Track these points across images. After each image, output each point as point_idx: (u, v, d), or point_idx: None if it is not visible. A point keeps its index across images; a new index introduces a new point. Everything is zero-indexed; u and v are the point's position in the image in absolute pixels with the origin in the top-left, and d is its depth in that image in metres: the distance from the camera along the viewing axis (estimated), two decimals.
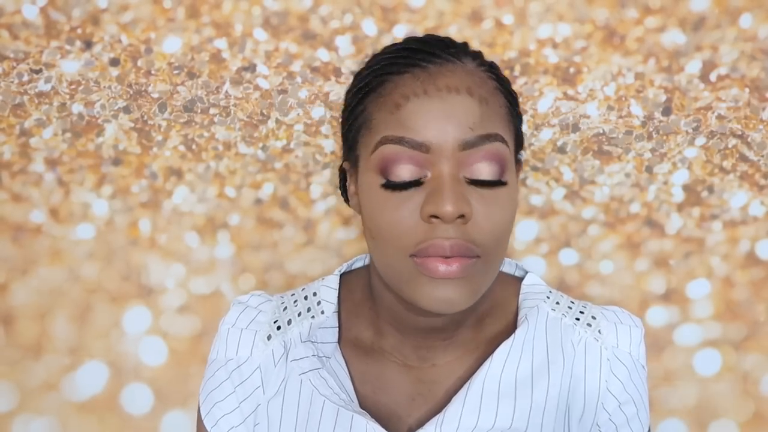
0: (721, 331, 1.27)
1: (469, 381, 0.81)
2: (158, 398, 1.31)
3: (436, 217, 0.72)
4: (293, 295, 0.90)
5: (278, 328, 0.86)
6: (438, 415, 0.79)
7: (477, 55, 0.81)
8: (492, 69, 0.80)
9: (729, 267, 1.25)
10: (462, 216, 0.72)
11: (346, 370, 0.85)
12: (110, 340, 1.29)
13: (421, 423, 0.82)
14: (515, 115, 0.81)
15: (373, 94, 0.78)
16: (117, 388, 1.30)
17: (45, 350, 1.30)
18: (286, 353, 0.84)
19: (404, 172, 0.73)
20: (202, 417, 0.85)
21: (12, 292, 1.28)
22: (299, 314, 0.86)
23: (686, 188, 1.21)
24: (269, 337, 0.85)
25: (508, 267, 0.95)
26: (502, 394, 0.80)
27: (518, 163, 0.85)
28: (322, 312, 0.86)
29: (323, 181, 1.23)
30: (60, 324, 1.29)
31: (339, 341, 0.86)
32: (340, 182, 0.91)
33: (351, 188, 0.86)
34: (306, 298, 0.88)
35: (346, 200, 0.89)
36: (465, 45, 0.83)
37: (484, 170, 0.72)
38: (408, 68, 0.76)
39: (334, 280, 0.89)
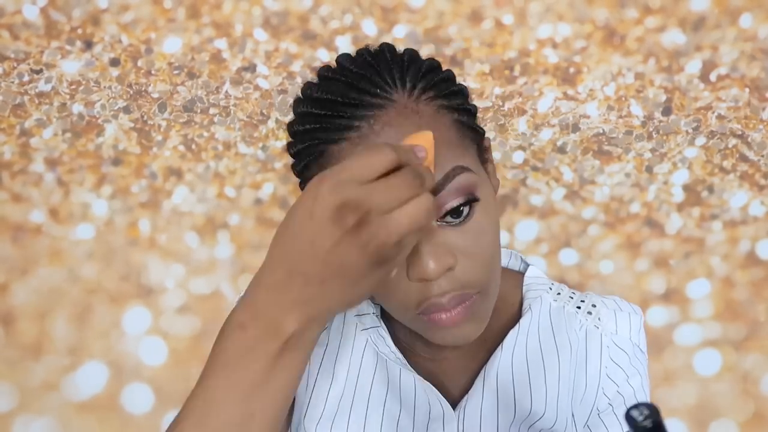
0: (721, 331, 1.27)
1: (482, 374, 0.82)
2: (158, 398, 1.30)
3: (423, 279, 0.70)
4: None
5: None
6: (456, 411, 0.81)
7: (407, 73, 0.72)
8: (427, 84, 0.74)
9: (729, 267, 1.25)
10: (449, 268, 0.70)
11: (391, 338, 0.86)
12: (110, 340, 1.29)
13: None
14: (464, 118, 0.75)
15: (314, 165, 0.73)
16: (117, 388, 1.30)
17: (45, 350, 1.30)
18: None
19: None
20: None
21: (12, 292, 1.28)
22: None
23: (686, 188, 1.21)
24: None
25: (513, 261, 0.96)
26: (517, 379, 0.82)
27: (486, 152, 0.81)
28: None
29: None
30: (60, 324, 1.29)
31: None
32: None
33: None
34: None
35: None
36: (385, 68, 0.73)
37: (451, 206, 0.69)
38: (342, 133, 0.70)
39: None
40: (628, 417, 0.52)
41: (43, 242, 1.26)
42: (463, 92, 0.76)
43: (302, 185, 0.80)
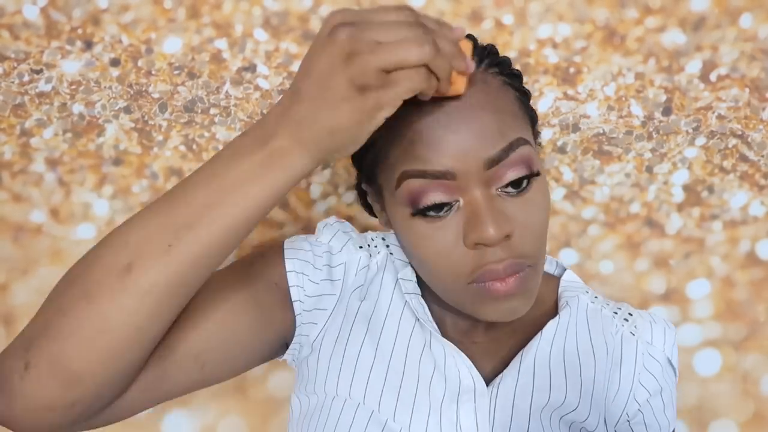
0: (721, 331, 1.27)
1: (519, 356, 0.82)
2: None
3: (482, 243, 0.71)
4: (367, 234, 0.94)
5: (363, 246, 0.89)
6: (490, 388, 0.80)
7: (475, 52, 0.78)
8: (492, 61, 0.77)
9: (729, 267, 1.25)
10: (507, 235, 0.71)
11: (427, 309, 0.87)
12: None
13: None
14: (524, 98, 0.79)
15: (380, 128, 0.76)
16: None
17: None
18: (367, 267, 0.87)
19: (435, 201, 0.71)
20: (286, 257, 0.85)
21: (12, 292, 1.28)
22: (376, 250, 0.90)
23: (686, 188, 1.21)
24: (360, 248, 0.88)
25: (548, 266, 0.97)
26: (553, 368, 0.82)
27: (536, 138, 0.84)
28: (391, 253, 0.90)
29: (323, 181, 1.23)
30: None
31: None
32: (361, 199, 0.92)
33: (376, 206, 0.87)
34: (383, 239, 0.91)
35: (372, 214, 0.91)
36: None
37: (514, 176, 0.71)
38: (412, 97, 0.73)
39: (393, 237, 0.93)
40: None
41: (44, 242, 1.26)
42: (520, 76, 0.79)
43: (360, 165, 0.83)
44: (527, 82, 1.15)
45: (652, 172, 1.21)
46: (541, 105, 1.17)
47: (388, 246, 0.91)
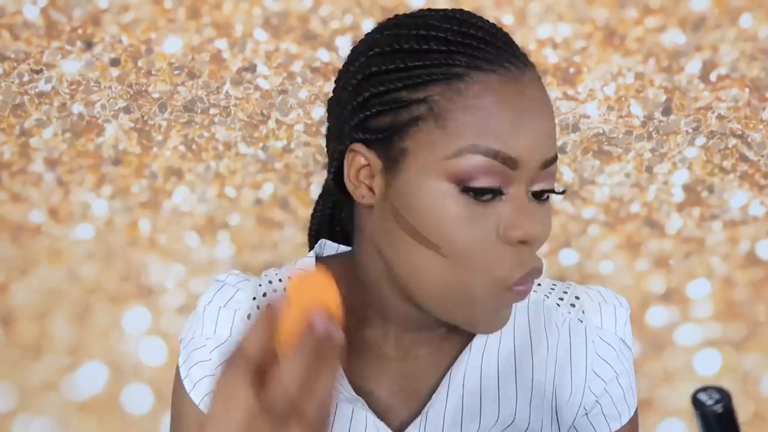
0: (721, 331, 1.27)
1: (447, 377, 0.77)
2: (158, 398, 1.30)
3: (524, 242, 0.68)
4: (266, 275, 0.85)
5: (258, 307, 0.80)
6: (419, 418, 0.76)
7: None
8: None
9: (729, 267, 1.25)
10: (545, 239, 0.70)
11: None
12: (110, 340, 1.29)
13: (405, 423, 0.77)
14: None
15: (443, 85, 0.68)
16: (117, 388, 1.30)
17: (45, 350, 1.30)
18: None
19: (490, 185, 0.67)
20: (188, 390, 0.78)
21: (12, 292, 1.28)
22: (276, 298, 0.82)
23: (686, 188, 1.21)
24: (249, 316, 0.80)
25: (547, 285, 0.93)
26: (484, 387, 0.77)
27: None
28: None
29: (323, 181, 1.23)
30: (60, 324, 1.29)
31: None
32: (333, 163, 0.78)
33: (364, 172, 0.75)
34: (281, 280, 0.83)
35: (340, 185, 0.78)
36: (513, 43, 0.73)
37: (549, 185, 0.69)
38: (492, 66, 0.67)
39: (310, 264, 0.84)
40: (696, 401, 0.48)
41: (43, 242, 1.26)
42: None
43: (376, 119, 0.72)
44: None
45: (652, 172, 1.21)
46: None
47: (281, 280, 0.83)
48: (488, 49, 0.68)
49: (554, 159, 0.68)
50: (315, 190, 1.24)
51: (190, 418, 0.79)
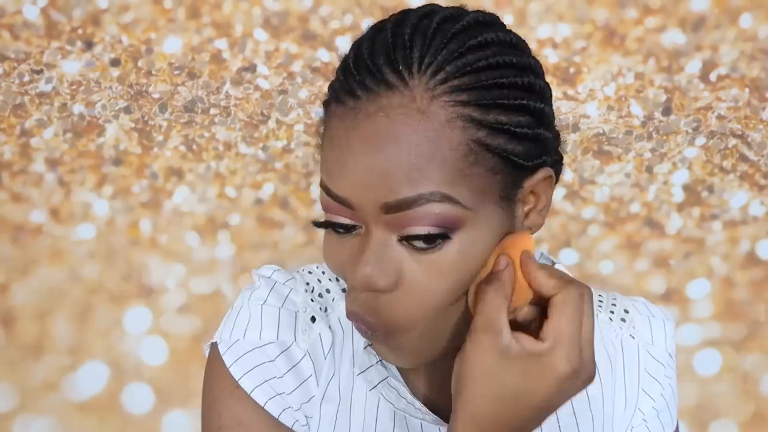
0: (721, 331, 1.27)
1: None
2: (159, 398, 1.31)
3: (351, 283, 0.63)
4: (310, 272, 0.78)
5: (320, 309, 0.73)
6: None
7: (442, 59, 0.59)
8: (459, 83, 0.59)
9: (729, 267, 1.25)
10: (376, 289, 0.61)
11: (398, 374, 0.74)
12: (111, 340, 1.29)
13: None
14: (497, 141, 0.61)
15: (324, 114, 0.66)
16: (118, 388, 1.30)
17: (45, 350, 1.30)
18: (333, 344, 0.72)
19: (335, 221, 0.63)
20: (249, 390, 0.70)
21: (12, 292, 1.28)
22: (333, 299, 0.75)
23: (686, 188, 1.21)
24: (313, 319, 0.73)
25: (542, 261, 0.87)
26: (563, 422, 0.74)
27: (519, 189, 0.65)
28: None
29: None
30: (60, 324, 1.29)
31: None
32: None
33: None
34: (330, 280, 0.77)
35: None
36: (429, 42, 0.59)
37: (417, 233, 0.59)
38: (343, 95, 0.61)
39: None
40: None
41: (44, 242, 1.26)
42: (527, 108, 0.61)
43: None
44: None
45: (652, 172, 1.21)
46: None
47: (344, 290, 0.76)
48: (351, 75, 0.61)
49: (400, 204, 0.58)
50: (315, 190, 1.24)
51: (253, 422, 0.70)
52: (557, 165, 0.69)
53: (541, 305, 0.60)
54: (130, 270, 1.27)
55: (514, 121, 0.60)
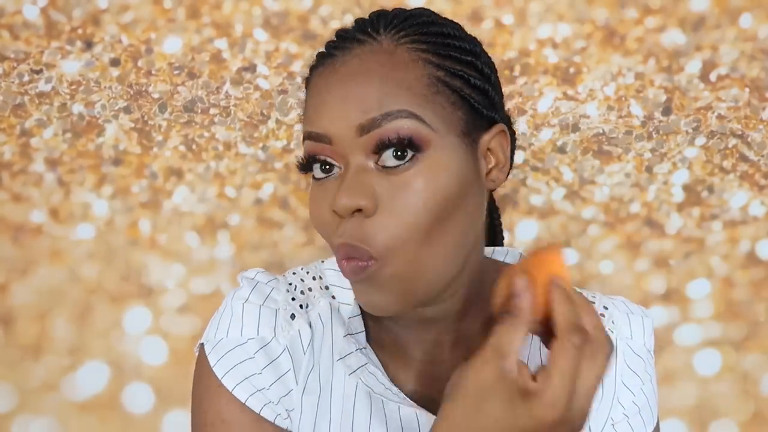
0: (721, 331, 1.27)
1: None
2: (159, 398, 1.31)
3: (335, 211, 0.69)
4: (295, 274, 0.83)
5: (301, 306, 0.78)
6: None
7: (402, 25, 0.71)
8: (413, 33, 0.71)
9: (729, 267, 1.25)
10: (359, 210, 0.67)
11: (378, 362, 0.78)
12: (110, 340, 1.29)
13: None
14: (454, 81, 0.70)
15: (306, 86, 0.76)
16: (118, 388, 1.30)
17: (45, 350, 1.30)
18: (312, 339, 0.76)
19: (321, 164, 0.71)
20: (231, 388, 0.73)
21: (12, 292, 1.28)
22: (315, 297, 0.79)
23: (686, 188, 1.21)
24: (293, 317, 0.77)
25: (510, 258, 0.90)
26: None
27: (482, 136, 0.73)
28: (333, 297, 0.80)
29: None
30: (60, 324, 1.29)
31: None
32: None
33: None
34: (314, 278, 0.82)
35: None
36: (391, 15, 0.73)
37: (386, 140, 0.67)
38: (321, 60, 0.73)
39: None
40: None
41: (44, 242, 1.26)
42: (476, 66, 0.72)
43: None
44: (527, 82, 1.15)
45: (652, 172, 1.21)
46: (541, 105, 1.17)
47: (327, 288, 0.81)
48: (327, 45, 0.74)
49: (372, 123, 0.67)
50: None
51: (235, 418, 0.74)
52: (511, 132, 0.77)
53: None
54: (130, 270, 1.27)
55: (466, 71, 0.71)
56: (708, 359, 1.27)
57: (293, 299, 0.79)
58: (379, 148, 0.67)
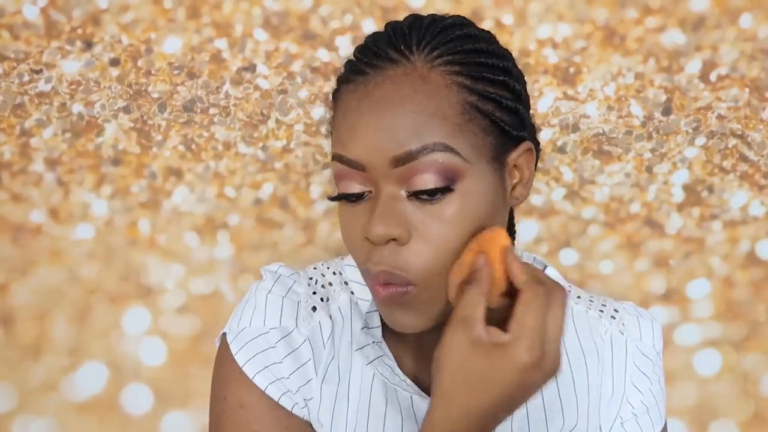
0: (721, 331, 1.27)
1: None
2: (158, 398, 1.30)
3: (368, 239, 0.69)
4: (315, 268, 0.85)
5: (322, 299, 0.80)
6: None
7: (436, 42, 0.70)
8: (453, 57, 0.70)
9: (729, 267, 1.25)
10: (394, 239, 0.68)
11: (391, 355, 0.80)
12: (110, 340, 1.29)
13: None
14: (487, 106, 0.71)
15: (334, 101, 0.75)
16: (117, 389, 1.30)
17: (45, 351, 1.30)
18: (332, 331, 0.79)
19: (350, 187, 0.71)
20: (252, 375, 0.75)
21: (12, 292, 1.28)
22: (335, 291, 0.82)
23: (686, 188, 1.21)
24: (314, 309, 0.80)
25: (525, 259, 0.92)
26: (546, 398, 0.79)
27: (508, 157, 0.73)
28: (352, 292, 0.83)
29: (323, 181, 1.23)
30: (60, 324, 1.29)
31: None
32: None
33: None
34: (335, 273, 0.84)
35: None
36: (424, 32, 0.71)
37: (428, 182, 0.67)
38: (352, 75, 0.71)
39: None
40: None
41: (43, 242, 1.26)
42: (508, 86, 0.72)
43: None
44: (527, 82, 1.15)
45: (652, 172, 1.21)
46: (541, 105, 1.17)
47: (346, 283, 0.83)
48: (358, 60, 0.72)
49: (408, 156, 0.67)
50: (315, 190, 1.24)
51: (254, 405, 0.76)
52: (536, 145, 0.78)
53: (516, 296, 0.66)
54: (129, 270, 1.27)
55: (499, 93, 0.71)
56: (708, 359, 1.27)
57: (314, 293, 0.81)
58: (414, 185, 0.68)
